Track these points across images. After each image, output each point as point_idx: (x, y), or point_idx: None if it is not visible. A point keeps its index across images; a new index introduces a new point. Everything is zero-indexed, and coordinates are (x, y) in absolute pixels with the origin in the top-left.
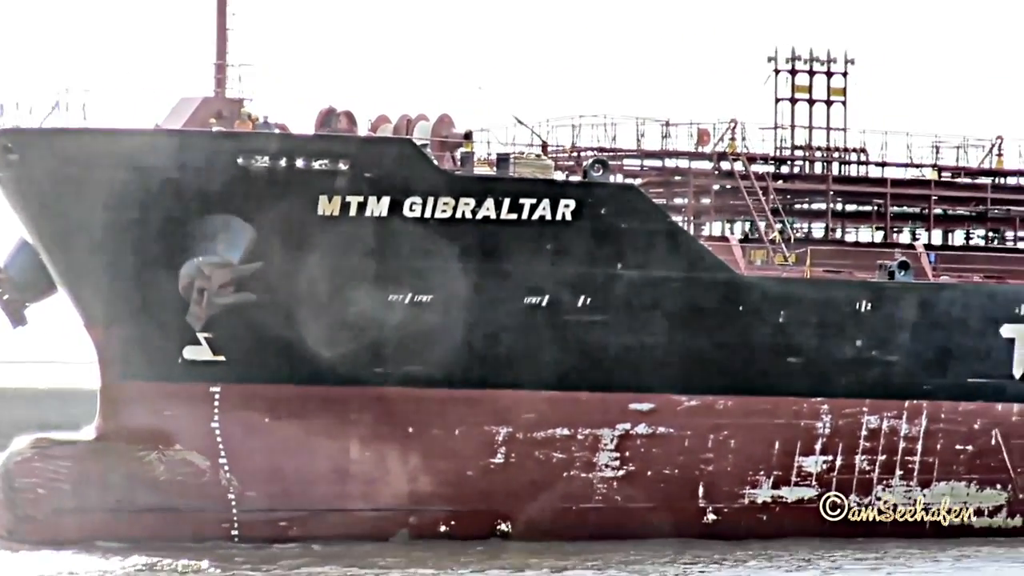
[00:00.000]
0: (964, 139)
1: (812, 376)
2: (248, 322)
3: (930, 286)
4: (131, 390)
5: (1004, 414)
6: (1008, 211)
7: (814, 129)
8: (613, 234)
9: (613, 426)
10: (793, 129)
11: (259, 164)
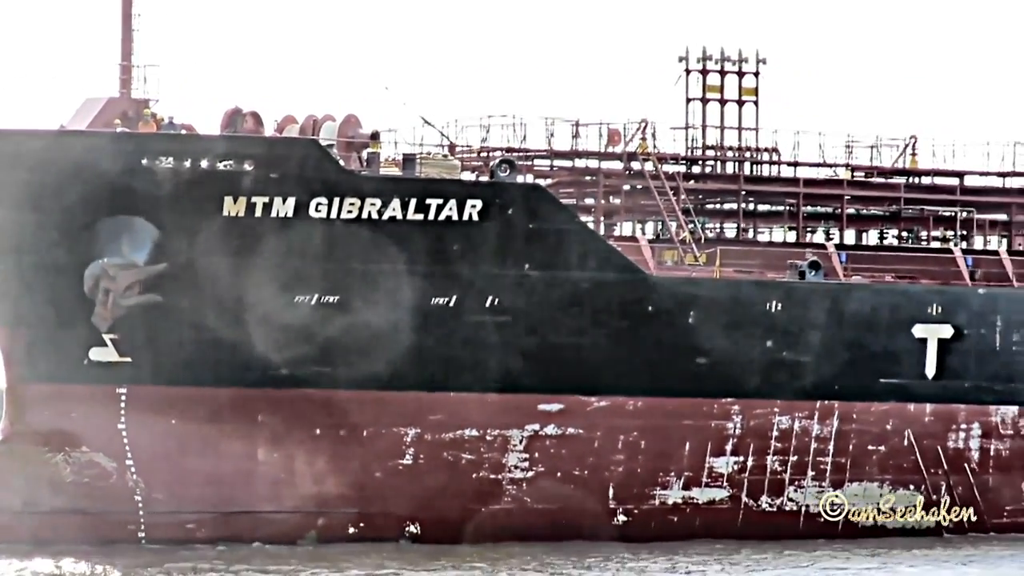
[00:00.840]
0: (878, 138)
1: (722, 377)
2: (154, 323)
3: (841, 286)
4: (37, 391)
5: (917, 414)
6: (922, 210)
7: (726, 129)
8: (520, 234)
9: (522, 427)
10: (704, 129)
11: (164, 165)
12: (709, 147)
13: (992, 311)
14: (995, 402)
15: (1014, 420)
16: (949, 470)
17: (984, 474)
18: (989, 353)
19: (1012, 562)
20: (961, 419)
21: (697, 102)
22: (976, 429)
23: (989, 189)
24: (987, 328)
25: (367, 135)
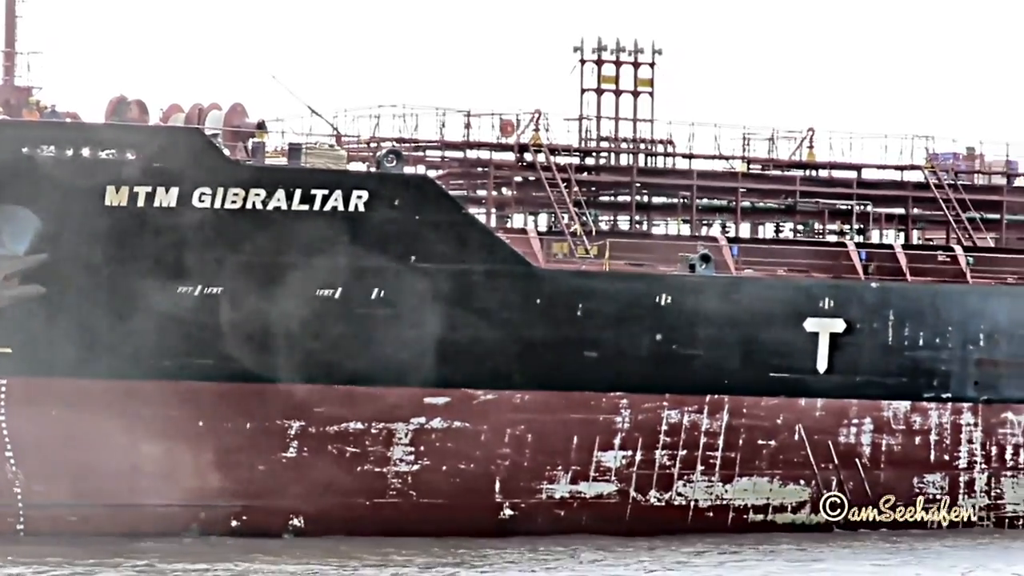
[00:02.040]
0: (774, 131)
1: (611, 370)
2: (35, 314)
3: (732, 279)
4: None
5: (808, 409)
6: (817, 203)
7: (620, 120)
8: (407, 226)
9: (408, 420)
10: (599, 120)
11: (45, 153)
12: (603, 139)
13: (885, 305)
14: (887, 397)
15: (906, 415)
16: (840, 465)
17: (876, 469)
18: (882, 348)
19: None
20: (853, 414)
21: (592, 93)
22: (868, 424)
23: (886, 183)
24: (880, 322)
25: (253, 124)
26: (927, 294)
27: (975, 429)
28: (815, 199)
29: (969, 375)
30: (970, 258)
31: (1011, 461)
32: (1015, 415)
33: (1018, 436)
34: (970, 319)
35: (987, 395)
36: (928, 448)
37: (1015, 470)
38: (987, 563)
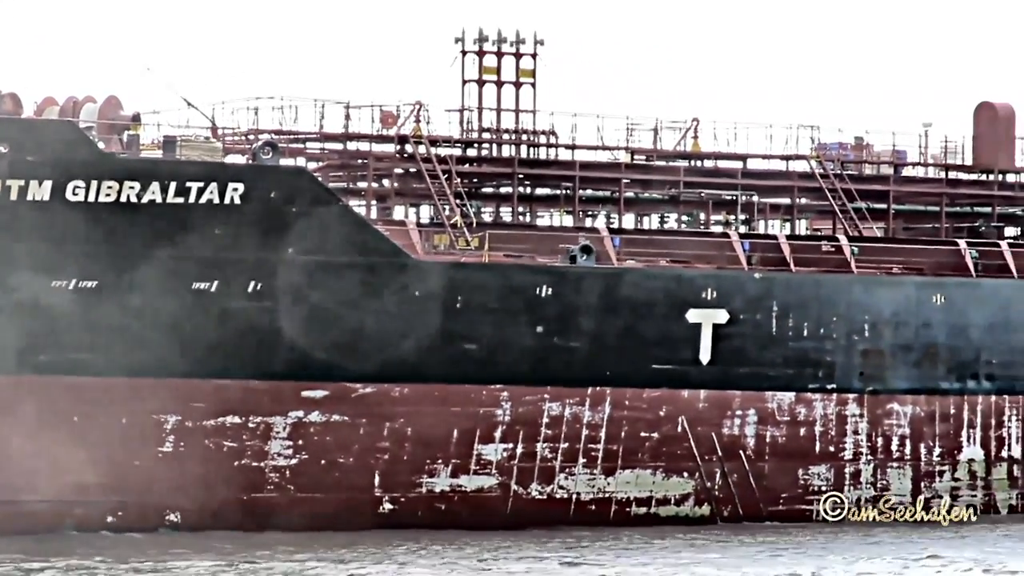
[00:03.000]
0: (658, 121)
1: (491, 363)
2: None
3: (613, 271)
4: None
5: (690, 401)
6: (700, 194)
7: (503, 111)
8: (283, 218)
9: (285, 414)
10: (481, 112)
11: None
12: (485, 130)
13: (768, 296)
14: (771, 388)
15: (791, 406)
16: (724, 457)
17: (760, 461)
18: (765, 338)
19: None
20: (736, 405)
21: (473, 84)
22: (752, 415)
23: (772, 173)
24: (763, 313)
25: (128, 117)
26: (811, 284)
27: (861, 420)
28: (700, 190)
29: (854, 366)
30: (855, 248)
31: (897, 452)
32: (901, 406)
33: (904, 427)
34: (855, 309)
35: (873, 386)
36: (813, 440)
37: (901, 461)
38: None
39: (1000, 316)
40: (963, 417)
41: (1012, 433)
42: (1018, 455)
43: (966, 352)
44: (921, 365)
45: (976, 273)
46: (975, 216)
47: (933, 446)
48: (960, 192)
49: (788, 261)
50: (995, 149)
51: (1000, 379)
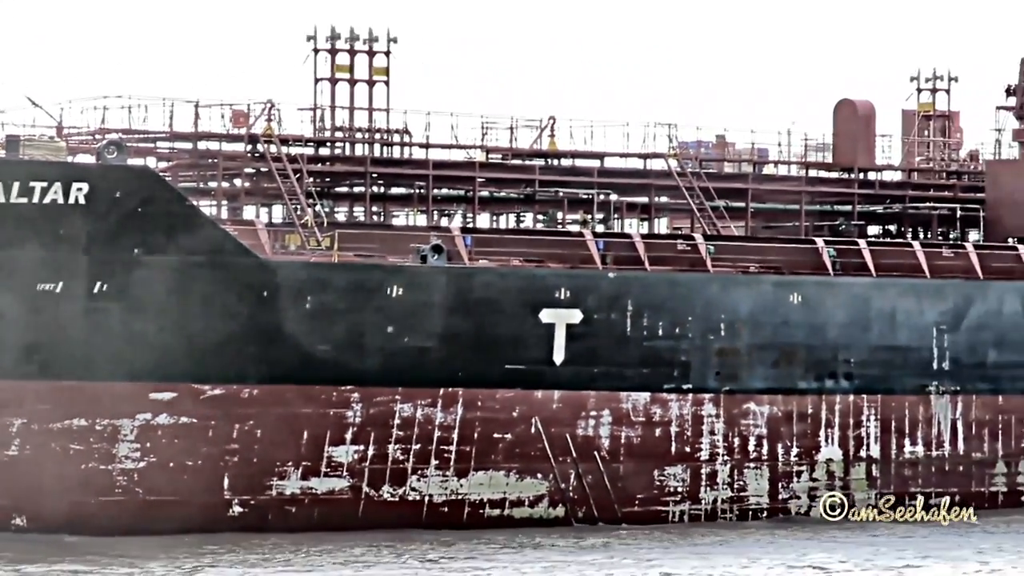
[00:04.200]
0: (513, 120)
1: (341, 363)
2: None
3: (464, 270)
4: None
5: (544, 401)
6: (557, 193)
7: (356, 110)
8: (129, 218)
9: (133, 416)
10: (333, 110)
11: None
12: (338, 129)
13: (623, 295)
14: (626, 388)
15: (646, 407)
16: (578, 458)
17: (615, 462)
18: (620, 338)
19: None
20: (591, 406)
21: (326, 82)
22: (606, 416)
23: (629, 171)
24: (617, 313)
25: None
26: (666, 284)
27: (717, 420)
28: (556, 188)
29: (710, 365)
30: (711, 247)
31: (754, 452)
32: (758, 406)
33: (761, 427)
34: (711, 309)
35: (729, 385)
36: (669, 440)
37: (758, 462)
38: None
39: (858, 315)
40: (821, 417)
41: (870, 433)
42: (877, 455)
43: (824, 351)
44: (778, 364)
45: (834, 272)
46: (835, 215)
47: (791, 446)
48: (820, 190)
49: (643, 260)
50: (855, 147)
51: (858, 378)
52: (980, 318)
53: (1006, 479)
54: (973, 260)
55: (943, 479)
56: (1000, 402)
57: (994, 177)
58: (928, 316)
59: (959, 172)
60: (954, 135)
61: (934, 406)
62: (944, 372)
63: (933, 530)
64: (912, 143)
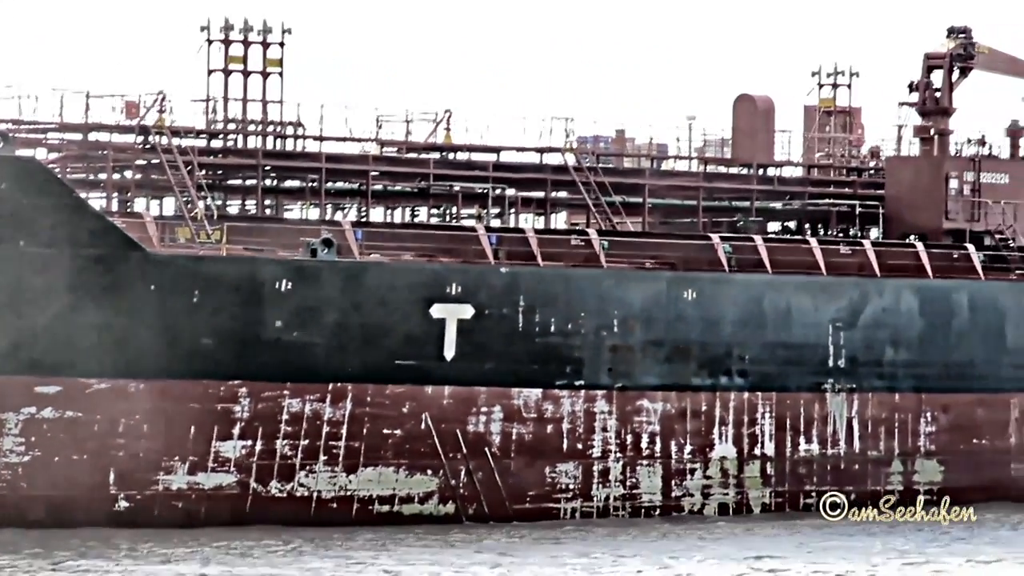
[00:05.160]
0: (408, 113)
1: (229, 358)
2: None
3: (354, 264)
4: None
5: (435, 397)
6: (451, 187)
7: (249, 102)
8: (13, 210)
9: (18, 410)
10: (227, 102)
11: None
12: (231, 120)
13: (515, 291)
14: (518, 384)
15: (538, 403)
16: (469, 455)
17: (506, 459)
18: (512, 334)
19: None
20: (482, 402)
21: (219, 73)
22: (497, 412)
23: (526, 166)
24: (509, 308)
25: None
26: (558, 279)
27: (610, 417)
28: (451, 183)
29: (603, 362)
30: (605, 242)
31: (647, 450)
32: (651, 403)
33: (654, 424)
34: (604, 304)
35: (622, 382)
36: (561, 437)
37: (651, 459)
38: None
39: (753, 311)
40: (715, 414)
41: (765, 430)
42: (771, 453)
43: (718, 348)
44: (672, 361)
45: (730, 268)
46: (734, 211)
47: (684, 443)
48: (718, 186)
49: (536, 255)
50: (754, 143)
51: (753, 375)
52: (877, 316)
53: (902, 478)
54: (871, 257)
55: (838, 477)
56: (896, 400)
57: (894, 173)
58: (824, 313)
59: (860, 168)
60: (856, 131)
61: (829, 404)
62: (840, 370)
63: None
64: (813, 139)
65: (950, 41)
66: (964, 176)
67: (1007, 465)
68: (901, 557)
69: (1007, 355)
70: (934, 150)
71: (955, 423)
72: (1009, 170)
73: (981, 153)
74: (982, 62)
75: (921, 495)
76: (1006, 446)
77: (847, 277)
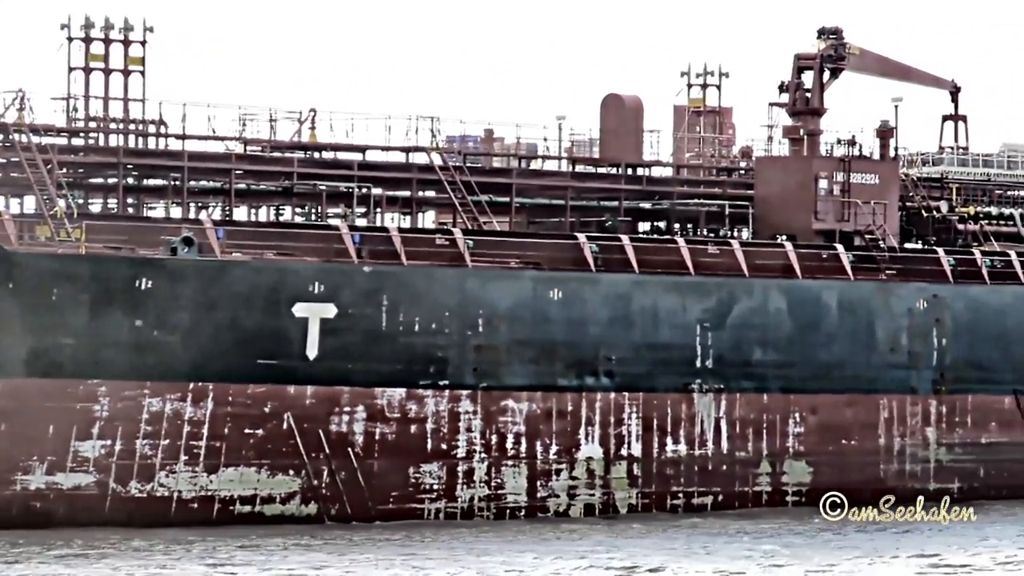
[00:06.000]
0: (272, 111)
1: (88, 357)
2: None
3: (215, 263)
4: None
5: (297, 397)
6: (316, 186)
7: (111, 100)
8: None
9: None
10: (87, 100)
11: None
12: (92, 119)
13: (378, 290)
14: (381, 384)
15: (401, 403)
16: (332, 455)
17: (369, 459)
18: (375, 333)
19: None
20: (345, 402)
21: (80, 71)
22: (361, 412)
23: (391, 165)
24: (373, 308)
25: None
26: (422, 278)
27: (475, 417)
28: (315, 182)
29: (468, 361)
30: (470, 242)
31: (512, 450)
32: (517, 403)
33: (520, 424)
34: (468, 304)
35: (487, 382)
36: (425, 437)
37: (516, 459)
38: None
39: (620, 312)
40: (581, 415)
41: (632, 431)
42: (638, 453)
43: (585, 348)
44: (538, 361)
45: (596, 268)
46: (602, 210)
47: (550, 444)
48: (587, 186)
49: (400, 254)
50: (622, 142)
51: (620, 376)
52: (744, 316)
53: (770, 479)
54: (739, 257)
55: (706, 478)
56: (765, 400)
57: (763, 174)
58: (691, 313)
59: (730, 168)
60: (726, 131)
61: (697, 404)
62: (707, 370)
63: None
64: (682, 139)
65: (821, 42)
66: (834, 176)
67: (877, 466)
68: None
69: (877, 355)
70: (804, 150)
71: (824, 424)
72: (879, 170)
73: (851, 153)
74: (853, 63)
75: (790, 496)
76: (875, 447)
77: (715, 277)
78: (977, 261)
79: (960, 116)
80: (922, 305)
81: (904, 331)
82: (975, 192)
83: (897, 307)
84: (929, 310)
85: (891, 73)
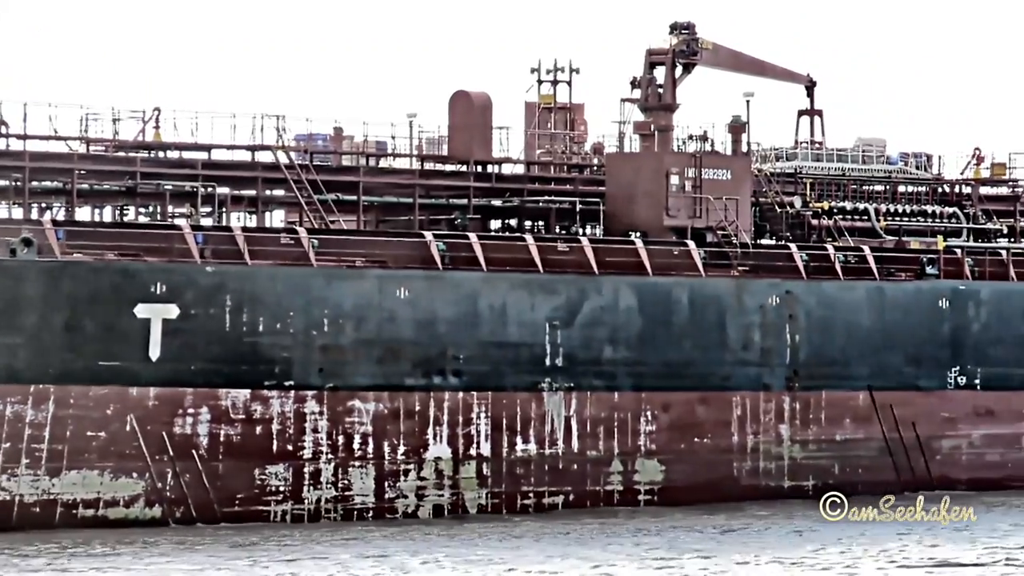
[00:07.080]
0: (116, 111)
1: None
2: None
3: (55, 264)
4: None
5: (140, 399)
6: (160, 186)
7: None
8: None
9: None
10: None
11: None
12: None
13: (222, 290)
14: (226, 385)
15: (246, 404)
16: (176, 457)
17: (214, 460)
18: (219, 334)
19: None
20: (188, 403)
21: None
22: (205, 414)
23: (236, 164)
24: (216, 308)
25: None
26: (266, 278)
27: (320, 418)
28: (159, 181)
29: (313, 362)
30: (315, 241)
31: (359, 451)
32: (363, 403)
33: (367, 425)
34: (313, 303)
35: (333, 382)
36: (270, 438)
37: (364, 460)
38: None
39: (467, 310)
40: (429, 414)
41: (481, 431)
42: (487, 453)
43: (432, 347)
44: (384, 361)
45: (443, 266)
46: (451, 208)
47: (397, 444)
48: (435, 183)
49: (244, 254)
50: (471, 139)
51: (468, 375)
52: (595, 313)
53: (622, 478)
54: (588, 254)
55: (557, 478)
56: (616, 399)
57: (614, 170)
58: (540, 311)
59: (581, 165)
60: (578, 128)
61: (547, 403)
62: (557, 368)
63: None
64: (533, 136)
65: (673, 37)
66: (685, 172)
67: (730, 464)
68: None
69: (729, 352)
70: (655, 146)
71: (676, 422)
72: (731, 166)
73: (703, 149)
74: (706, 58)
75: (642, 495)
76: (729, 445)
77: (564, 275)
78: (831, 256)
79: (816, 111)
80: (774, 301)
81: (757, 328)
82: (830, 187)
83: (749, 303)
84: (781, 306)
85: (745, 68)
